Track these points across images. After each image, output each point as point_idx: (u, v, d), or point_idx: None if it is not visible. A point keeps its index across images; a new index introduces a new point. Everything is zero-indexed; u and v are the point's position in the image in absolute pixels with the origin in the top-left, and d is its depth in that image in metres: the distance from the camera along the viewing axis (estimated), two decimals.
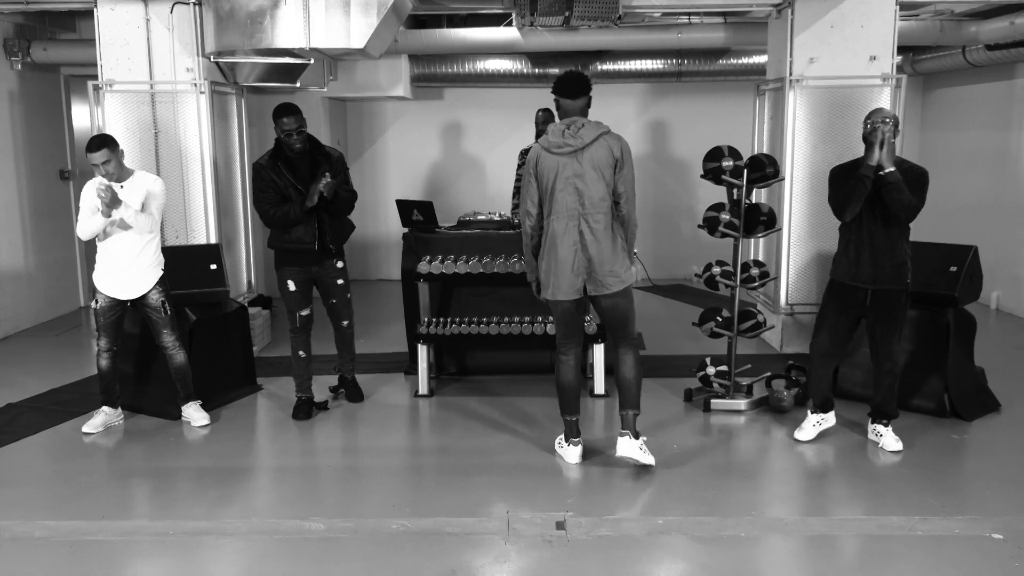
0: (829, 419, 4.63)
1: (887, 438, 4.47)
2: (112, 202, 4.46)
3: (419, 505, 3.87)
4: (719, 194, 5.15)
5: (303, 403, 5.12)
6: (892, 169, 4.17)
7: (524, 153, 6.98)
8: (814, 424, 4.61)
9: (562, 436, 4.43)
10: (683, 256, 9.38)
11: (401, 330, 6.18)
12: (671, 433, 4.74)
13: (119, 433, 4.88)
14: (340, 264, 5.13)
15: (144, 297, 4.75)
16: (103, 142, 4.58)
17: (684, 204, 9.54)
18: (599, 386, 5.36)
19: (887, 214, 4.25)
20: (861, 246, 4.36)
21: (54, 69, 8.03)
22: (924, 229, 9.02)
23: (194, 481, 4.21)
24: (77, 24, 7.92)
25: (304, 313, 5.05)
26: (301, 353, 5.10)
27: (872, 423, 4.57)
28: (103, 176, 4.56)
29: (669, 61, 8.51)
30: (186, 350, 4.93)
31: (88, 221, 4.59)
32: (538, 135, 6.91)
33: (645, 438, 4.22)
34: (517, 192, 7.08)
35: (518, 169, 7.02)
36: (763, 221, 4.97)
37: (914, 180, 4.23)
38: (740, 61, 8.47)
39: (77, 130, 8.34)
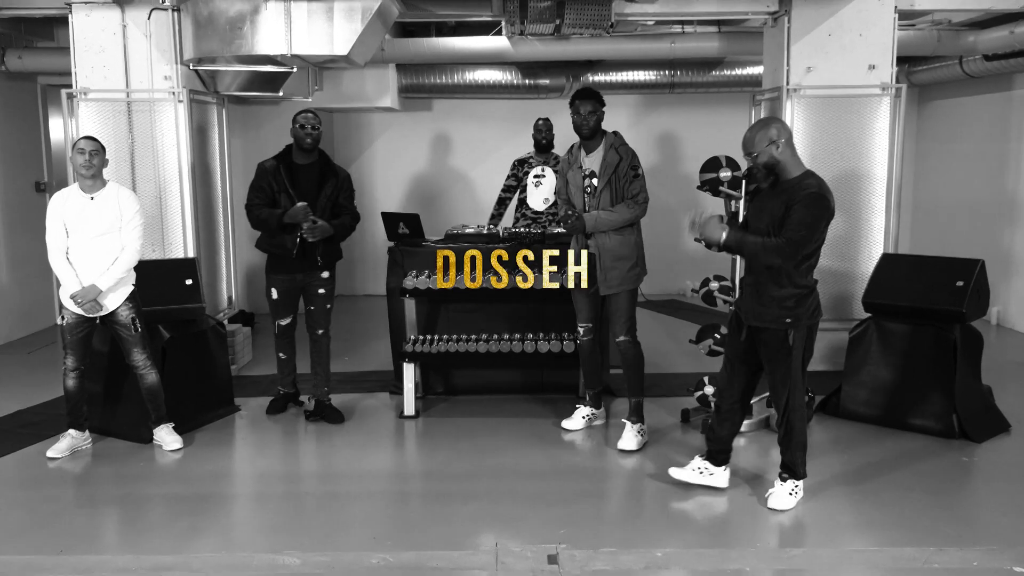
0: (718, 478, 3.99)
1: (777, 492, 3.84)
2: (92, 307, 4.43)
3: (401, 536, 3.63)
4: (716, 207, 4.95)
5: (279, 398, 5.25)
6: (722, 238, 3.58)
7: (518, 164, 6.71)
8: (694, 469, 4.03)
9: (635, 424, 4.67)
10: (677, 270, 9.17)
11: (386, 347, 5.94)
12: (668, 456, 4.51)
13: (86, 457, 4.62)
14: (326, 274, 5.06)
15: (113, 314, 4.51)
16: (97, 139, 4.59)
17: (678, 217, 9.35)
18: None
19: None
20: (748, 271, 3.80)
21: (31, 78, 7.81)
22: (921, 244, 8.90)
23: (163, 510, 3.96)
24: (55, 32, 7.70)
25: (284, 322, 5.11)
26: (282, 355, 5.22)
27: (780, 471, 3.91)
28: (80, 164, 4.39)
29: (662, 72, 8.35)
30: (158, 369, 4.69)
31: (60, 269, 4.44)
32: (538, 144, 6.61)
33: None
34: (500, 202, 6.78)
35: (508, 179, 6.71)
36: None
37: (799, 205, 3.52)
38: (733, 72, 8.32)
39: (54, 141, 8.10)
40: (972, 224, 7.97)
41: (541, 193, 6.46)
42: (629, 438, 4.62)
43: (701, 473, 3.99)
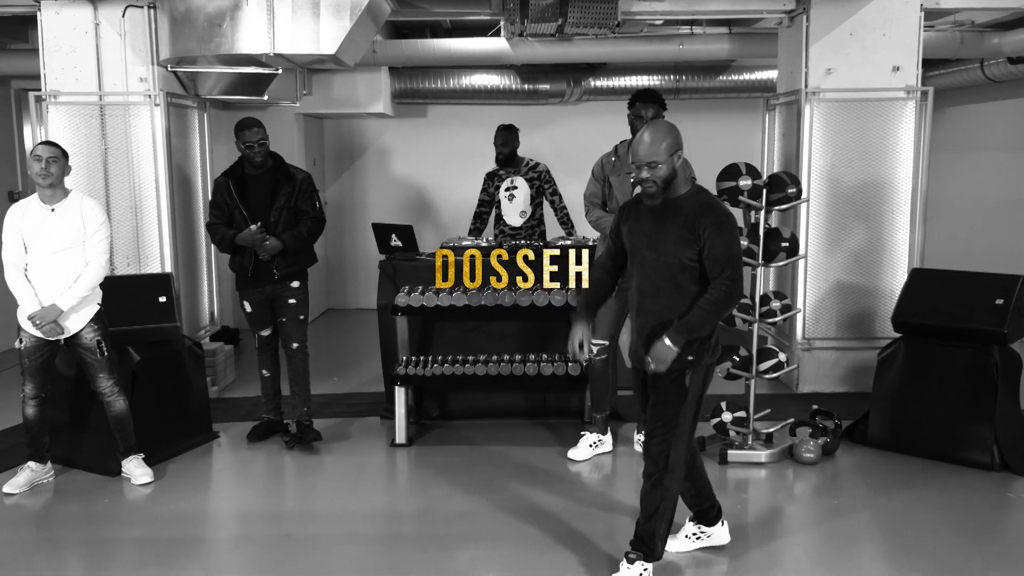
0: (717, 536, 3.47)
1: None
2: (52, 330, 4.04)
3: None
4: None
5: (262, 424, 4.93)
6: (675, 347, 2.96)
7: (488, 178, 6.18)
8: (688, 536, 3.47)
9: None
10: None
11: (378, 365, 5.55)
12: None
13: (47, 493, 4.22)
14: (295, 284, 4.74)
15: (76, 336, 4.12)
16: (58, 145, 4.17)
17: None
18: None
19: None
20: (641, 311, 3.15)
21: (4, 82, 7.43)
22: (934, 260, 8.55)
23: (129, 555, 3.56)
24: (29, 34, 7.31)
25: (264, 333, 4.86)
26: (264, 372, 4.92)
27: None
28: (37, 173, 4.00)
29: (666, 77, 8.02)
30: (127, 395, 4.30)
31: (17, 287, 4.06)
32: (498, 157, 6.08)
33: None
34: (477, 217, 6.26)
35: (481, 193, 6.27)
36: (785, 248, 4.41)
37: (713, 230, 2.96)
38: (741, 77, 8.00)
39: (28, 149, 7.70)
40: (990, 236, 7.62)
41: (516, 207, 5.99)
42: None
43: (698, 538, 3.45)
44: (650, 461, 3.09)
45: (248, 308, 4.79)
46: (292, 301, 4.73)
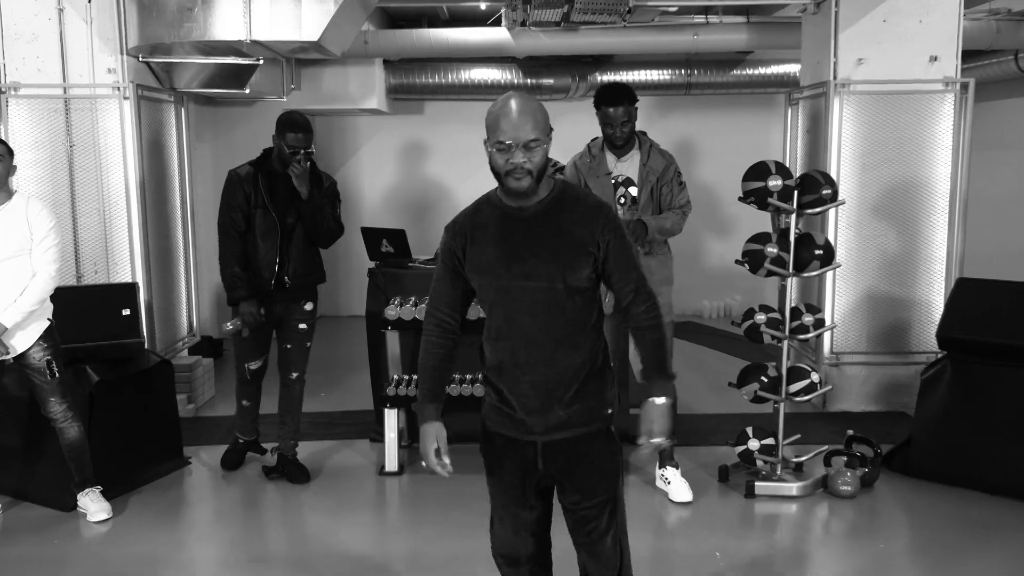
0: None
1: None
2: None
3: None
4: (723, 218, 4.14)
5: (236, 449, 4.46)
6: (667, 399, 2.21)
7: None
8: None
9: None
10: (694, 289, 8.31)
11: (369, 380, 5.09)
12: (708, 530, 3.67)
13: None
14: (308, 306, 4.22)
15: (24, 356, 3.67)
16: (3, 141, 3.73)
17: (695, 231, 8.54)
18: None
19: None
20: (528, 357, 2.26)
21: None
22: (967, 266, 8.09)
23: None
24: None
25: (254, 366, 4.27)
26: (245, 402, 4.42)
27: None
28: None
29: (677, 71, 7.58)
30: (83, 421, 3.84)
31: None
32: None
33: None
34: None
35: None
36: (818, 256, 3.95)
37: (617, 238, 2.22)
38: (757, 71, 7.56)
39: None
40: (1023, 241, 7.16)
41: None
42: (684, 487, 4.01)
43: None
44: (601, 566, 2.39)
45: (245, 332, 4.18)
46: (303, 326, 4.21)
